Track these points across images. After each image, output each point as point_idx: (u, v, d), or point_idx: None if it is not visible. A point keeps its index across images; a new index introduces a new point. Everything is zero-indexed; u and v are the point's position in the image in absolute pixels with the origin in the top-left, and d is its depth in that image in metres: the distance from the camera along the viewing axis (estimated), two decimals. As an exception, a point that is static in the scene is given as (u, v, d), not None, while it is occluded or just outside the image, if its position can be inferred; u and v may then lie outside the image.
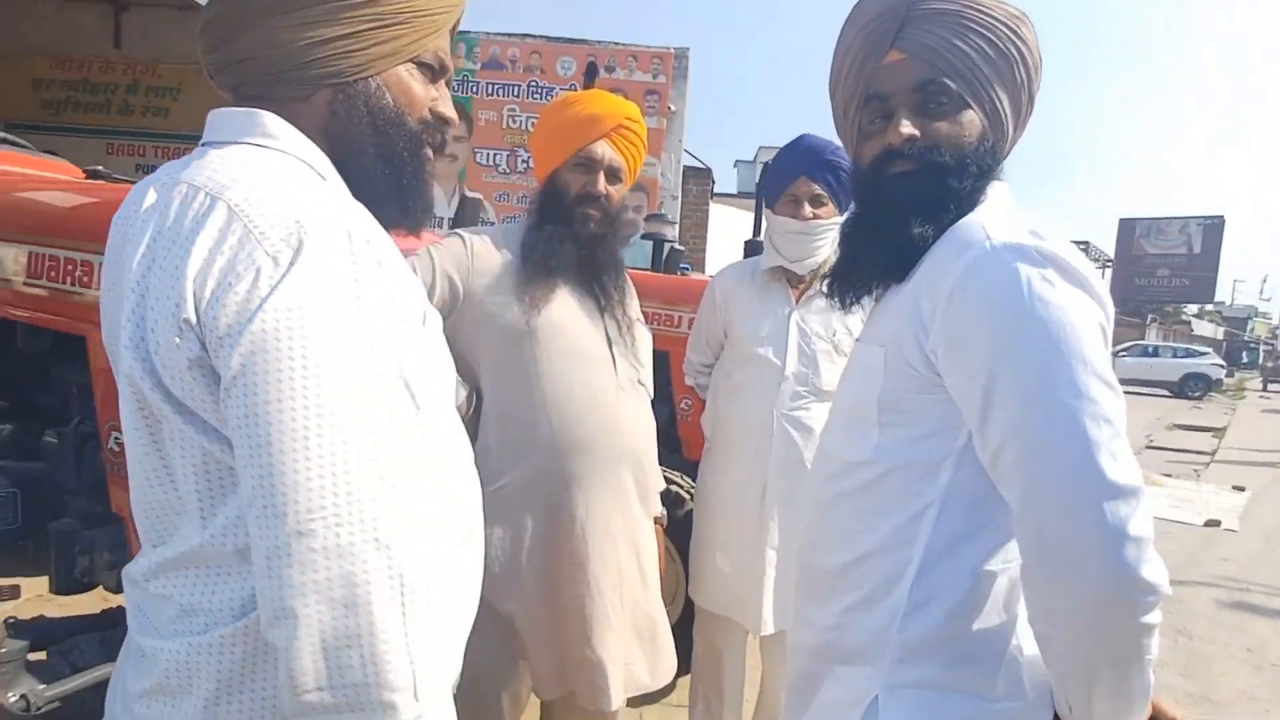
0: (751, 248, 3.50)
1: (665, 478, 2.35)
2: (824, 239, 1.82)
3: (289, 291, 0.63)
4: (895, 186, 0.91)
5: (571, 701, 1.59)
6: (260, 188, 0.67)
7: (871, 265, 0.96)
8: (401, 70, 0.81)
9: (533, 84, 7.00)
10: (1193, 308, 41.43)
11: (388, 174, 0.82)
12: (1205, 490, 7.21)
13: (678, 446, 2.58)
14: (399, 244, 2.00)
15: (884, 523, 0.86)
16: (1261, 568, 4.89)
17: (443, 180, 7.08)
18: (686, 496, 2.39)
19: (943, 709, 0.84)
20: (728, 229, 9.76)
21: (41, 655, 1.41)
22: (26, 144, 2.21)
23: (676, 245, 3.61)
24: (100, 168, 1.98)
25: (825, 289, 1.07)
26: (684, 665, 2.29)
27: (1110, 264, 34.51)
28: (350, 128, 0.79)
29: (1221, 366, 22.39)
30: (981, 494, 0.83)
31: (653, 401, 1.81)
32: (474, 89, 7.03)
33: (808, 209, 1.79)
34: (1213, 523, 5.89)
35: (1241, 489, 7.32)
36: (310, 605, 0.59)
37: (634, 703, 2.34)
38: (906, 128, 0.89)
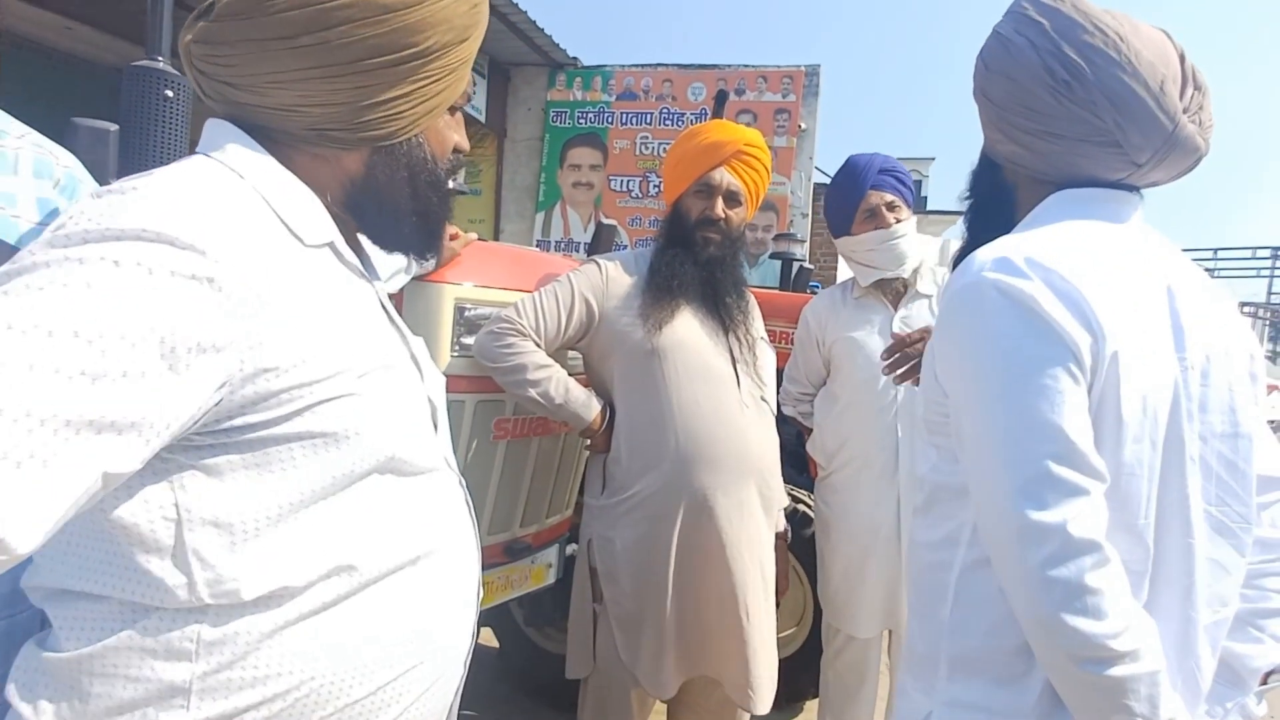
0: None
1: (792, 496, 2.34)
2: (911, 239, 1.85)
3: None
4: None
5: (695, 702, 1.65)
6: (135, 182, 0.58)
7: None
8: (437, 118, 0.75)
9: (664, 110, 7.19)
10: None
11: (415, 223, 0.76)
12: None
13: (805, 466, 2.56)
14: (548, 268, 2.12)
15: (935, 538, 0.88)
16: None
17: (580, 207, 7.40)
18: (814, 516, 2.36)
19: None
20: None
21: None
22: None
23: (806, 264, 3.58)
24: None
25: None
26: (812, 689, 2.26)
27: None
28: (385, 185, 0.72)
29: None
30: None
31: (780, 421, 1.84)
32: (609, 119, 7.32)
33: (889, 216, 1.82)
34: None
35: None
36: None
37: (761, 723, 2.33)
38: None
